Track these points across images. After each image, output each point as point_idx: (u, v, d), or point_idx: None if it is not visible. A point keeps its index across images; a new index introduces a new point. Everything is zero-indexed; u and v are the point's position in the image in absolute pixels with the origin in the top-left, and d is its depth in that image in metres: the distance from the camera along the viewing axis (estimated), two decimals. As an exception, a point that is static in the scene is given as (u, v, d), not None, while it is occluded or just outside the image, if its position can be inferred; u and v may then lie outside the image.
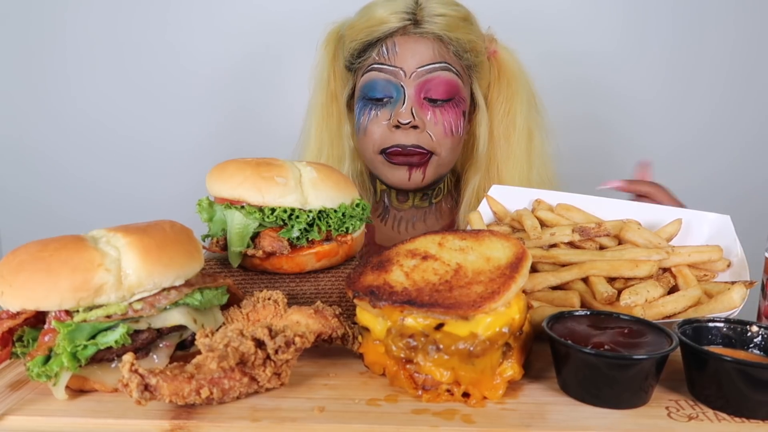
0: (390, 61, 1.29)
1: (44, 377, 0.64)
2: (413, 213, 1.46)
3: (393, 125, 1.29)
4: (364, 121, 1.33)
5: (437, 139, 1.30)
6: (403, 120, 1.27)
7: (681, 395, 0.68)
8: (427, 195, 1.43)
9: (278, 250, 0.86)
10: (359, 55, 1.34)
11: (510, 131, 1.40)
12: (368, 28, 1.30)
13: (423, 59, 1.28)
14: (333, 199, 0.90)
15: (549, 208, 1.04)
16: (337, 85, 1.42)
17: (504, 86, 1.41)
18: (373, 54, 1.31)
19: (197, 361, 0.64)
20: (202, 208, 0.93)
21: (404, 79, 1.28)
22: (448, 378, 0.66)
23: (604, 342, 0.66)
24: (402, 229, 1.47)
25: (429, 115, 1.30)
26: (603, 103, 1.91)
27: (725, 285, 0.87)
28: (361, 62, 1.34)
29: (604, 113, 1.91)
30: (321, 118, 1.42)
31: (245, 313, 0.76)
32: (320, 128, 1.42)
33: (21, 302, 0.65)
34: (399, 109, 1.28)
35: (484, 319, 0.65)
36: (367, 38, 1.31)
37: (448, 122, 1.31)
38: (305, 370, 0.73)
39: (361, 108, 1.34)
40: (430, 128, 1.30)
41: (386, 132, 1.30)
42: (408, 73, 1.28)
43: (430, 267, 0.71)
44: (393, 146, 1.29)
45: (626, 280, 0.89)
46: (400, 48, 1.29)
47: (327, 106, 1.42)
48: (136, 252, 0.67)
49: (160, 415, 0.63)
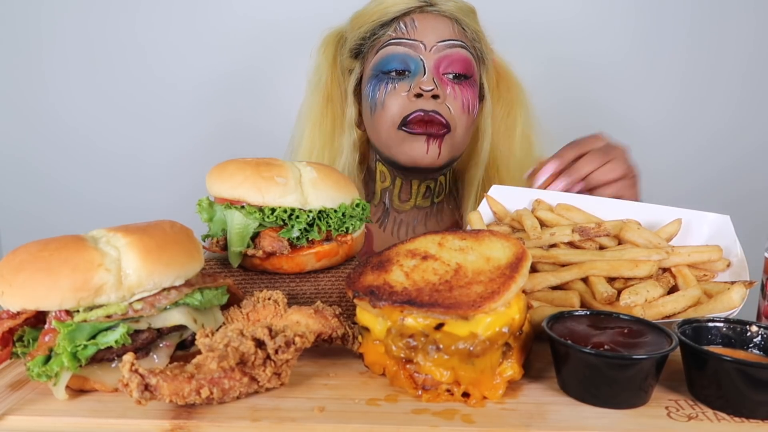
0: (409, 35, 1.30)
1: (44, 377, 0.64)
2: (414, 214, 1.45)
3: (414, 93, 1.28)
4: (381, 95, 1.31)
5: (455, 113, 1.31)
6: (426, 87, 1.26)
7: (681, 395, 0.68)
8: (430, 191, 1.42)
9: (278, 250, 0.86)
10: (371, 36, 1.34)
11: (511, 133, 1.41)
12: (382, 10, 1.32)
13: (443, 34, 1.30)
14: (333, 199, 0.90)
15: (549, 208, 1.04)
16: (333, 88, 1.42)
17: (504, 91, 1.44)
18: (389, 31, 1.32)
19: (197, 361, 0.64)
20: (202, 208, 0.93)
21: (424, 52, 1.29)
22: (448, 378, 0.66)
23: (603, 342, 0.66)
24: (402, 234, 1.46)
25: (449, 89, 1.30)
26: (602, 109, 1.91)
27: (725, 285, 0.87)
28: (375, 41, 1.34)
29: (602, 118, 1.91)
30: (315, 119, 1.42)
31: (245, 313, 0.76)
32: (313, 130, 1.42)
33: (21, 302, 0.65)
34: (420, 78, 1.28)
35: (484, 319, 0.65)
36: (381, 18, 1.32)
37: (466, 99, 1.32)
38: (305, 370, 0.73)
39: (376, 84, 1.32)
40: (450, 102, 1.30)
41: (406, 102, 1.29)
42: (428, 46, 1.29)
43: (430, 267, 0.71)
44: (415, 111, 1.27)
45: (626, 280, 0.89)
46: (420, 23, 1.30)
47: (322, 108, 1.41)
48: (137, 252, 0.68)
49: (160, 415, 0.63)
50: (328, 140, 1.42)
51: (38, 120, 1.98)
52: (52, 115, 1.98)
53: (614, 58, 1.89)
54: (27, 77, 1.96)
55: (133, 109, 1.96)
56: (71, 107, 1.97)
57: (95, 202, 2.01)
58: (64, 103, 1.97)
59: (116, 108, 1.96)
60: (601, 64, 1.89)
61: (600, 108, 1.91)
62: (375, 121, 1.34)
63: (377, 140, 1.37)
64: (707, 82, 1.89)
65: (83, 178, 2.01)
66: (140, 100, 1.96)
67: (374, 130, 1.36)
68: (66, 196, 2.02)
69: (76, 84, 1.95)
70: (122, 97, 1.95)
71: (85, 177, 2.01)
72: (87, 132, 1.98)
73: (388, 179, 1.43)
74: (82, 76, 1.95)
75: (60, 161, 2.00)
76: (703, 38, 1.87)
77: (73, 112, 1.97)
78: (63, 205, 2.02)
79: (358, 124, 1.43)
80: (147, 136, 1.98)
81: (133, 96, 1.95)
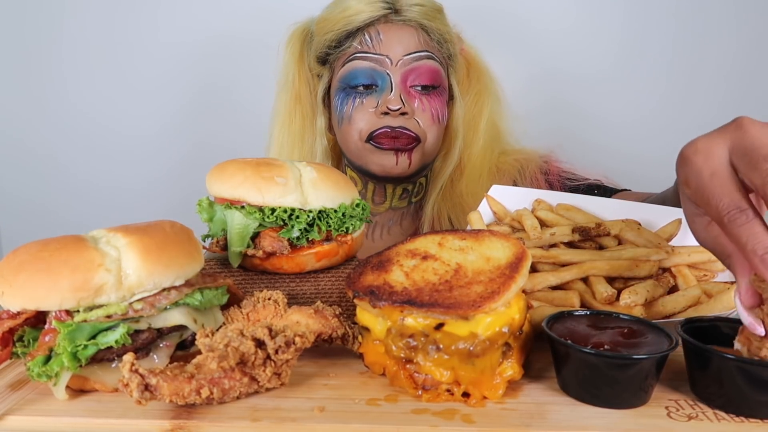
0: (375, 49, 1.28)
1: (45, 377, 0.64)
2: (389, 216, 1.44)
3: (381, 112, 1.27)
4: (348, 109, 1.30)
5: (425, 126, 1.30)
6: (393, 106, 1.26)
7: (681, 395, 0.68)
8: (407, 192, 1.41)
9: (278, 250, 0.87)
10: (337, 45, 1.32)
11: (477, 120, 1.40)
12: (346, 18, 1.29)
13: (409, 47, 1.28)
14: (333, 199, 0.90)
15: (549, 208, 1.04)
16: (301, 86, 1.40)
17: (474, 80, 1.43)
18: (354, 43, 1.30)
19: (197, 361, 0.64)
20: (202, 208, 0.93)
21: (390, 66, 1.27)
22: (448, 378, 0.66)
23: (603, 342, 0.66)
24: (377, 236, 1.44)
25: (416, 103, 1.29)
26: (587, 111, 1.91)
27: (725, 285, 0.87)
28: (341, 52, 1.32)
29: (586, 120, 1.91)
30: (283, 120, 1.41)
31: (245, 313, 0.76)
32: (282, 131, 1.41)
33: (21, 302, 0.65)
34: (387, 96, 1.27)
35: (484, 318, 0.65)
36: (345, 28, 1.29)
37: (435, 109, 1.31)
38: (305, 370, 0.73)
39: (343, 98, 1.31)
40: (418, 115, 1.30)
41: (373, 118, 1.29)
42: (394, 60, 1.27)
43: (430, 267, 0.71)
44: (381, 128, 1.27)
45: (626, 280, 0.89)
46: (385, 35, 1.28)
47: (290, 108, 1.40)
48: (137, 252, 0.68)
49: (160, 415, 0.63)
50: (297, 141, 1.40)
51: (39, 113, 1.98)
52: (53, 109, 1.98)
53: (599, 60, 1.89)
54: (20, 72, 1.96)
55: (136, 99, 1.96)
56: (73, 102, 1.97)
57: (95, 198, 2.01)
58: (63, 102, 1.97)
59: (119, 99, 1.96)
60: (587, 66, 1.89)
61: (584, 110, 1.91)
62: (343, 134, 1.35)
63: (347, 150, 1.37)
64: (693, 81, 1.90)
65: (83, 177, 2.01)
66: (140, 99, 1.96)
67: (343, 141, 1.37)
68: (66, 195, 2.02)
69: (75, 82, 1.96)
70: (124, 88, 1.96)
71: (86, 176, 2.01)
72: (89, 125, 1.98)
73: (359, 183, 1.42)
74: (83, 74, 1.95)
75: (60, 160, 2.01)
76: (686, 40, 1.88)
77: (76, 103, 1.97)
78: (62, 203, 2.02)
79: (329, 129, 1.42)
80: (147, 134, 1.98)
81: (133, 94, 1.96)
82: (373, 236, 1.45)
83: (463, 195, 1.35)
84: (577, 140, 1.84)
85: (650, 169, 1.74)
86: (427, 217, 1.39)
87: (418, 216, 1.46)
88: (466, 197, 1.35)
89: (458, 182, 1.39)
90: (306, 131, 1.40)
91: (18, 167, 2.02)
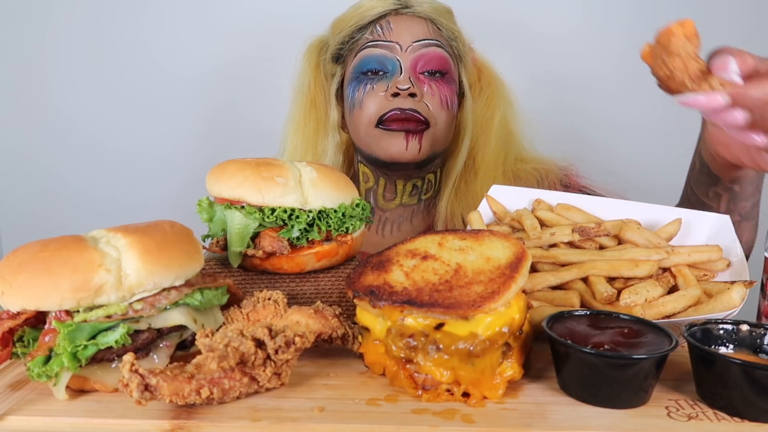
0: (385, 37, 1.33)
1: (45, 377, 0.64)
2: (400, 212, 1.46)
3: (391, 93, 1.31)
4: (359, 95, 1.34)
5: (434, 109, 1.33)
6: (402, 86, 1.29)
7: (681, 395, 0.68)
8: (417, 189, 1.43)
9: (278, 250, 0.87)
10: (349, 40, 1.37)
11: (489, 123, 1.43)
12: (359, 14, 1.35)
13: (418, 34, 1.33)
14: (333, 199, 0.90)
15: (549, 208, 1.04)
16: (317, 92, 1.44)
17: (485, 85, 1.46)
18: (366, 35, 1.35)
19: (197, 361, 0.64)
20: (202, 208, 0.93)
21: (400, 53, 1.32)
22: (448, 378, 0.66)
23: (603, 342, 0.66)
24: (387, 233, 1.46)
25: (426, 87, 1.33)
26: (593, 112, 1.91)
27: (725, 285, 0.87)
28: (353, 44, 1.37)
29: (592, 122, 1.91)
30: (297, 123, 1.45)
31: (245, 313, 0.76)
32: (296, 134, 1.45)
33: (21, 302, 0.65)
34: (397, 78, 1.31)
35: (484, 318, 0.65)
36: (359, 22, 1.35)
37: (444, 95, 1.35)
38: (305, 370, 0.73)
39: (355, 85, 1.35)
40: (428, 99, 1.33)
41: (383, 101, 1.32)
42: (404, 47, 1.32)
43: (430, 267, 0.71)
44: (391, 110, 1.30)
45: (626, 279, 0.89)
46: (395, 25, 1.33)
47: (305, 112, 1.44)
48: (136, 252, 0.68)
49: (160, 415, 0.63)
50: (311, 143, 1.44)
51: (37, 117, 1.98)
52: (52, 112, 1.97)
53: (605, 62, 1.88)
54: (26, 77, 1.96)
55: (132, 105, 1.96)
56: (70, 104, 1.96)
57: (94, 198, 2.00)
58: (63, 101, 1.97)
59: (116, 104, 1.96)
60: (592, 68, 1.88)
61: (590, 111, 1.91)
62: (353, 120, 1.37)
63: (357, 139, 1.40)
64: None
65: (83, 176, 2.01)
66: (139, 97, 1.95)
67: (354, 129, 1.39)
68: (65, 194, 2.02)
69: (75, 80, 1.95)
70: (122, 93, 1.95)
71: (85, 174, 2.01)
72: (86, 127, 1.98)
73: (371, 179, 1.45)
74: (82, 73, 1.94)
75: (59, 159, 2.00)
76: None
77: (72, 108, 1.97)
78: (62, 202, 2.02)
79: (341, 127, 1.45)
80: (147, 133, 1.98)
81: (133, 92, 1.95)
82: (383, 232, 1.47)
83: (478, 196, 1.37)
84: (582, 143, 1.84)
85: (656, 174, 1.75)
86: (440, 216, 1.41)
87: (429, 214, 1.47)
88: (480, 198, 1.37)
89: (473, 183, 1.41)
90: (319, 134, 1.44)
91: (16, 167, 2.02)
